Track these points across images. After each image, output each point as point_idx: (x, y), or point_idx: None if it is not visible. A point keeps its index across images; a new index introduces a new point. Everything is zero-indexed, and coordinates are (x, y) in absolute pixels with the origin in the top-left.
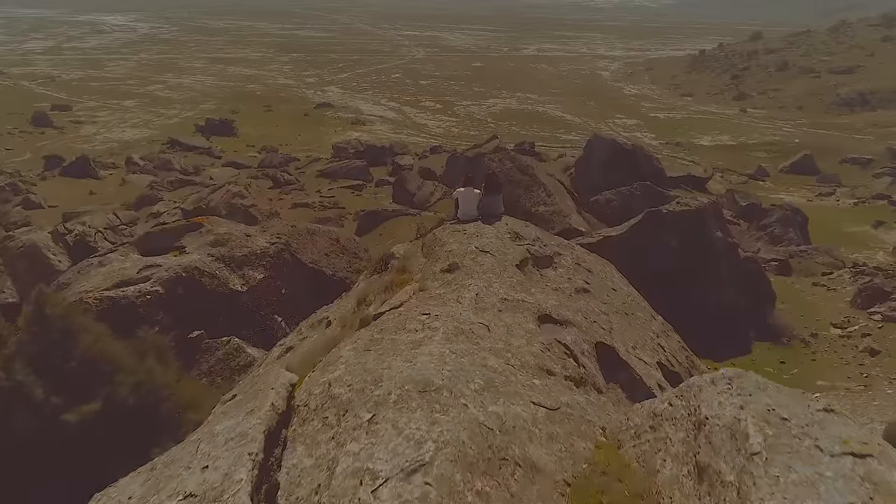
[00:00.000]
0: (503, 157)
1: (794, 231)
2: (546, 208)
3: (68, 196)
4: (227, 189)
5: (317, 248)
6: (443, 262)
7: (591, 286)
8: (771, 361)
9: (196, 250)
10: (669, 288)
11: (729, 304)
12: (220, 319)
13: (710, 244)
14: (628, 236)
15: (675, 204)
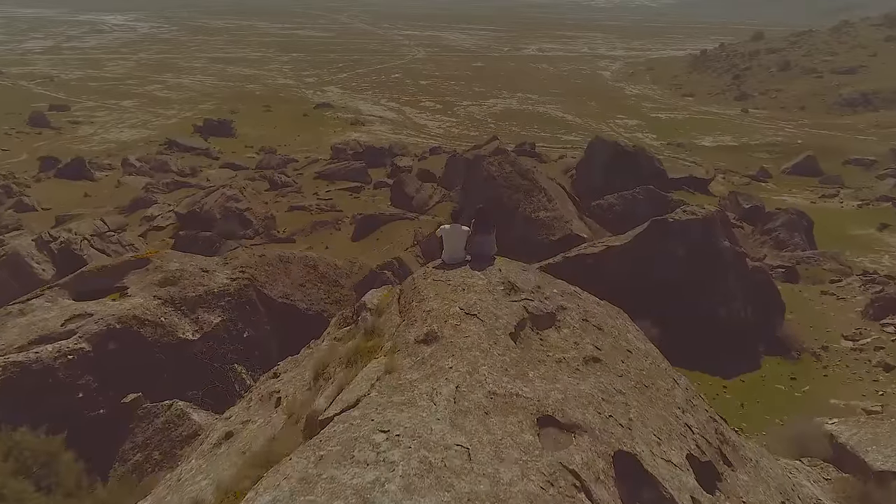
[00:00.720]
0: (503, 160)
1: (800, 235)
2: (547, 214)
3: (63, 198)
4: (221, 192)
5: (290, 279)
6: (419, 328)
7: (602, 351)
8: (781, 377)
9: (140, 292)
10: (676, 299)
11: (737, 316)
12: (165, 376)
13: (718, 254)
14: (633, 246)
15: (682, 212)
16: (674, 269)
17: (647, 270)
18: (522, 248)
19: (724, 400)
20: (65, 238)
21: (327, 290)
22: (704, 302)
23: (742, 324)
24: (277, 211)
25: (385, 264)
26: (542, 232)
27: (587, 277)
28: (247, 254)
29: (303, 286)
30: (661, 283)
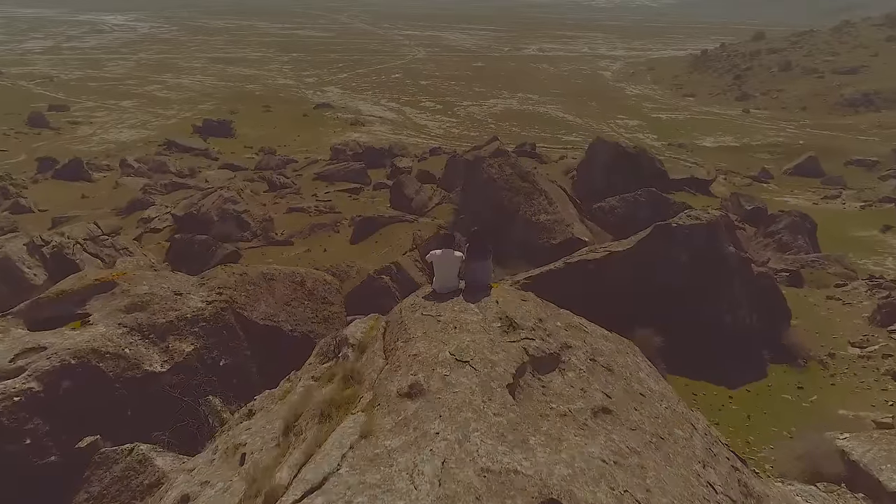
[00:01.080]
0: (503, 162)
1: (803, 238)
2: (547, 217)
3: (60, 200)
4: (219, 194)
5: (274, 298)
6: (403, 377)
7: (613, 399)
8: (788, 387)
9: (104, 319)
10: (679, 306)
11: (742, 323)
12: (127, 414)
13: (723, 260)
14: (635, 251)
15: (686, 217)
16: (677, 275)
17: (649, 276)
18: (523, 252)
19: (730, 411)
20: (57, 242)
21: (315, 308)
22: (709, 309)
23: (747, 331)
24: (276, 213)
25: (383, 269)
26: (543, 235)
27: (589, 283)
28: (225, 273)
29: (288, 305)
30: (664, 289)
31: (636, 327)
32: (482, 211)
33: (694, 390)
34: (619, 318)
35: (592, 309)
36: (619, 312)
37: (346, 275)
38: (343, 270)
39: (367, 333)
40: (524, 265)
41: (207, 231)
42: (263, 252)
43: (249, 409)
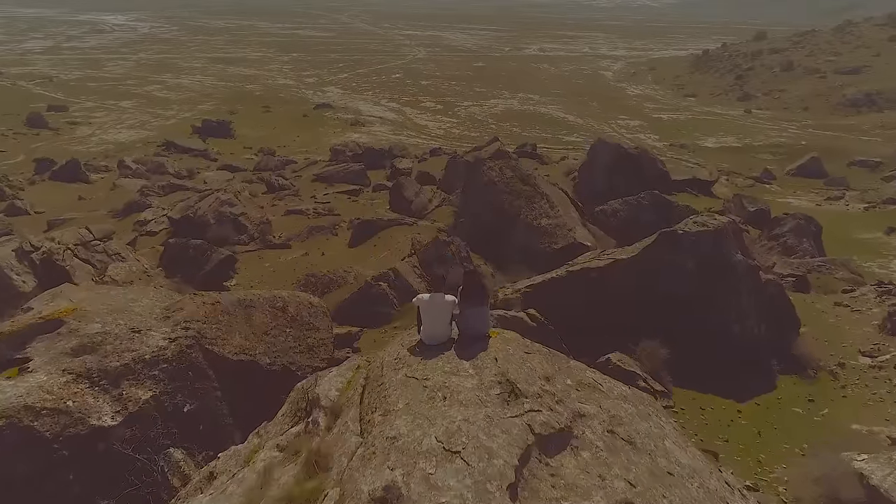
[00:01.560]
0: (503, 165)
1: (809, 241)
2: (549, 221)
3: (56, 201)
4: (216, 196)
5: (251, 328)
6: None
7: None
8: (798, 399)
9: (46, 365)
10: (685, 315)
11: (750, 332)
12: (70, 478)
13: (731, 268)
14: (640, 259)
15: (692, 223)
16: (683, 284)
17: (654, 285)
18: (524, 257)
19: (740, 427)
20: (47, 248)
21: (298, 335)
22: (716, 318)
23: (756, 341)
24: (274, 215)
25: (380, 275)
26: (545, 240)
27: (592, 291)
28: (195, 303)
29: (267, 335)
30: (669, 298)
31: (641, 338)
32: (482, 214)
33: (702, 404)
34: (624, 328)
35: (596, 318)
36: (624, 321)
37: (343, 280)
38: (340, 276)
39: (343, 392)
40: (525, 271)
41: (204, 234)
42: (260, 255)
43: (211, 471)
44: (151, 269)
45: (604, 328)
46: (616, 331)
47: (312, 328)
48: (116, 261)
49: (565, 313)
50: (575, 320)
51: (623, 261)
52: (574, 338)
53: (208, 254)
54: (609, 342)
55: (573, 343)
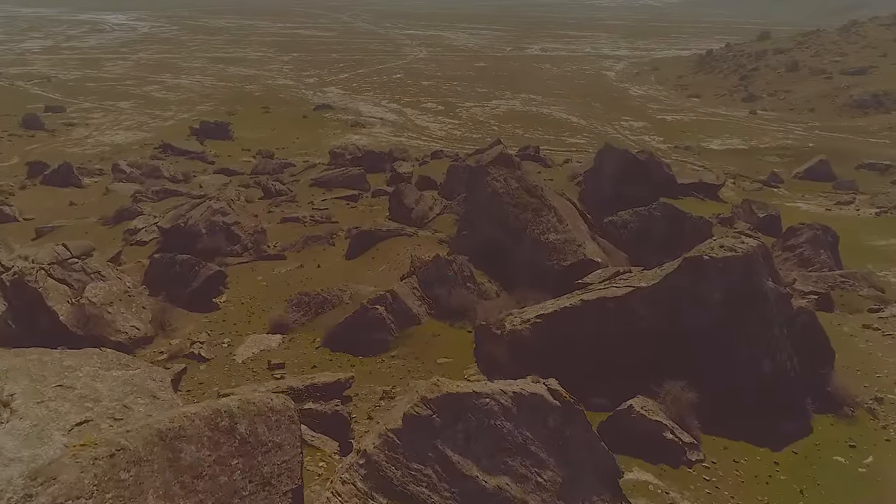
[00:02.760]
0: (508, 175)
1: (826, 253)
2: (557, 236)
3: (47, 207)
4: (207, 205)
5: (177, 476)
6: None
7: None
8: (838, 444)
9: None
10: (711, 349)
11: (782, 367)
12: None
13: (762, 297)
14: (661, 287)
15: (718, 247)
16: (709, 315)
17: (677, 315)
18: (530, 275)
19: (779, 483)
20: (18, 268)
21: (249, 466)
22: (745, 352)
23: (788, 377)
24: (269, 222)
25: (377, 298)
26: (553, 256)
27: (608, 323)
28: (77, 466)
29: (201, 478)
30: (694, 330)
31: (665, 378)
32: (486, 228)
33: (735, 455)
34: (644, 363)
35: (613, 352)
36: (644, 356)
37: (338, 300)
38: (335, 295)
39: None
40: (533, 291)
41: (195, 245)
42: (253, 268)
43: None
44: (134, 288)
45: (622, 364)
46: (636, 367)
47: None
48: (96, 280)
49: (578, 346)
50: (590, 355)
51: (643, 289)
52: (589, 378)
53: (196, 269)
54: (629, 382)
55: (589, 384)
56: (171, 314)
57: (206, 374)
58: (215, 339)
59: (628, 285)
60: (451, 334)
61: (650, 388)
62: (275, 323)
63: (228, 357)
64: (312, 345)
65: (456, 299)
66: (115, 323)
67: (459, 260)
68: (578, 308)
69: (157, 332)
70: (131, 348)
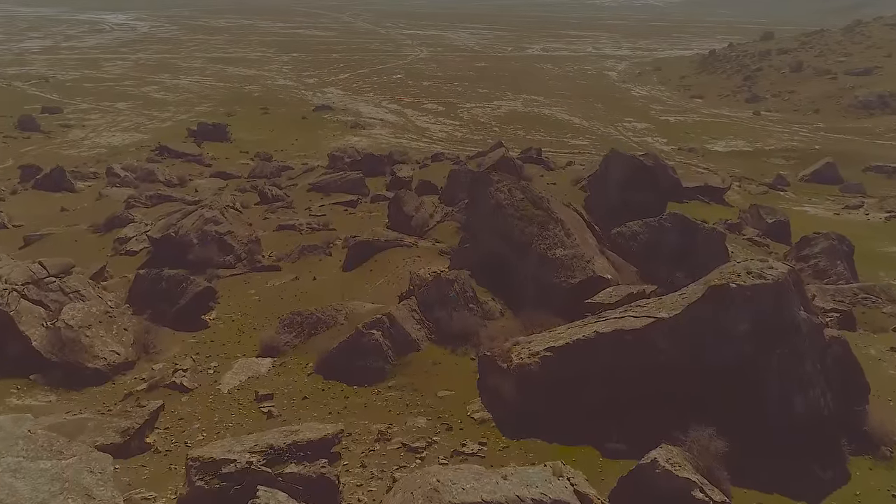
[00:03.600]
0: (512, 186)
1: (843, 263)
2: (564, 251)
3: (37, 213)
4: (199, 214)
5: None
6: None
7: None
8: (880, 494)
9: None
10: (738, 385)
11: (815, 405)
12: None
13: (794, 329)
14: (684, 318)
15: (746, 274)
16: (736, 349)
17: (700, 350)
18: (537, 293)
19: None
20: None
21: None
22: (775, 390)
23: (821, 415)
24: (265, 230)
25: (373, 322)
26: (560, 273)
27: (626, 357)
28: None
29: None
30: (718, 366)
31: (688, 422)
32: (489, 241)
33: None
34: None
35: (629, 389)
36: (663, 393)
37: (332, 320)
38: (330, 315)
39: None
40: (539, 313)
41: (186, 255)
42: (246, 280)
43: None
44: (116, 308)
45: (641, 403)
46: (654, 405)
47: None
48: (75, 300)
49: (593, 384)
50: (604, 391)
51: (663, 321)
52: (603, 416)
53: (184, 286)
54: (647, 422)
55: (603, 424)
56: (156, 335)
57: (187, 406)
58: (201, 363)
59: (647, 315)
60: (453, 362)
61: (673, 433)
62: (265, 345)
63: (213, 386)
64: (304, 371)
65: (458, 323)
66: (93, 347)
67: (461, 280)
68: (593, 341)
69: (140, 355)
70: (110, 375)
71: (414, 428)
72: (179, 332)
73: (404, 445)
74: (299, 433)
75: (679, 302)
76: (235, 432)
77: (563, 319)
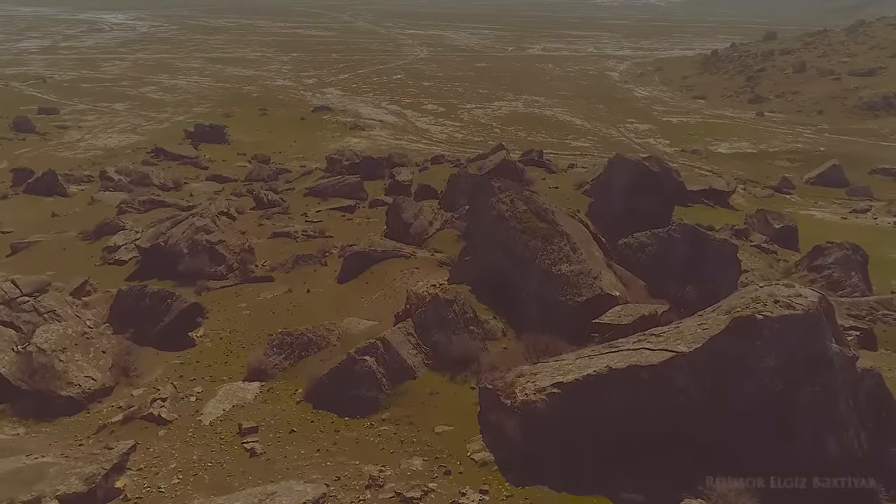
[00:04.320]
0: (515, 197)
1: (857, 275)
2: (570, 267)
3: (27, 219)
4: (190, 222)
5: None
6: None
7: None
8: None
9: None
10: (765, 426)
11: (849, 447)
12: None
13: (826, 364)
14: (705, 353)
15: (773, 303)
16: (762, 387)
17: (722, 387)
18: (541, 311)
19: None
20: None
21: None
22: (806, 432)
23: (854, 457)
24: (259, 237)
25: (367, 348)
26: (566, 291)
27: (642, 398)
28: None
29: None
30: (744, 406)
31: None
32: (490, 255)
33: None
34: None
35: (647, 434)
36: (684, 434)
37: (324, 341)
38: (321, 336)
39: None
40: (545, 335)
41: (176, 265)
42: (237, 292)
43: None
44: (95, 328)
45: (658, 446)
46: (672, 448)
47: None
48: (50, 320)
49: (605, 425)
50: (617, 433)
51: (683, 356)
52: (616, 460)
53: (168, 302)
54: (667, 471)
55: (617, 468)
56: (138, 356)
57: (164, 442)
58: (184, 388)
59: (664, 349)
60: (452, 391)
61: (694, 484)
62: (253, 368)
63: (194, 417)
64: (293, 398)
65: (457, 347)
66: (66, 373)
67: (461, 300)
68: (605, 377)
69: (119, 379)
70: (84, 403)
71: (409, 471)
72: (163, 352)
73: (398, 495)
74: (275, 498)
75: (699, 333)
76: (214, 475)
77: (568, 342)
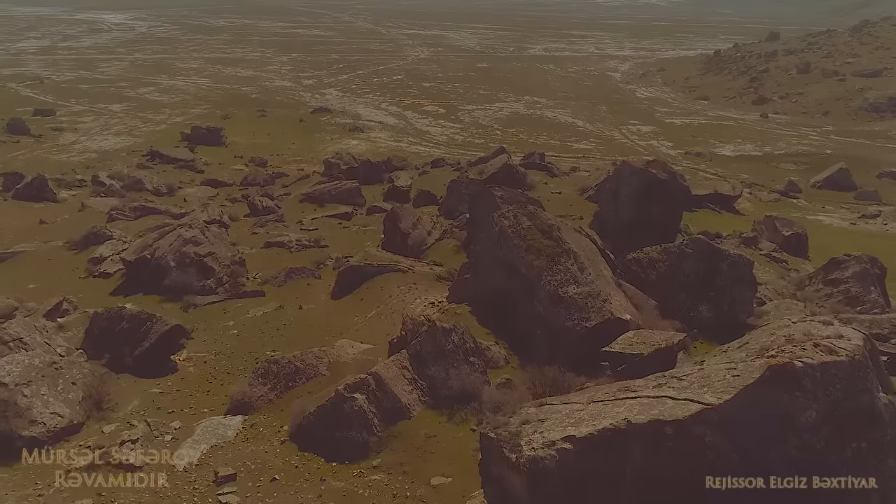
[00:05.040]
0: (518, 211)
1: (876, 290)
2: (578, 289)
3: (13, 227)
4: (178, 234)
5: None
6: None
7: None
8: None
9: None
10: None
11: None
12: None
13: (875, 417)
14: (737, 405)
15: (812, 346)
16: (802, 444)
17: (759, 446)
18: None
19: None
20: None
21: None
22: (854, 493)
23: None
24: (252, 247)
25: (357, 384)
26: (573, 315)
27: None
28: None
29: None
30: (783, 462)
31: None
32: (493, 274)
33: None
34: None
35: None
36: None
37: (313, 371)
38: (310, 364)
39: None
40: (551, 367)
41: (162, 280)
42: (226, 309)
43: None
44: (66, 356)
45: None
46: None
47: None
48: (15, 349)
49: (625, 488)
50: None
51: (711, 409)
52: None
53: (148, 325)
54: None
55: None
56: (113, 385)
57: (131, 493)
58: (159, 424)
59: (690, 399)
60: (450, 434)
61: None
62: (236, 401)
63: (167, 462)
64: (277, 437)
65: (456, 382)
66: (31, 410)
67: (460, 329)
68: (623, 432)
69: (90, 413)
70: (49, 443)
71: None
72: (141, 380)
73: None
74: None
75: (729, 381)
76: None
77: (576, 373)
